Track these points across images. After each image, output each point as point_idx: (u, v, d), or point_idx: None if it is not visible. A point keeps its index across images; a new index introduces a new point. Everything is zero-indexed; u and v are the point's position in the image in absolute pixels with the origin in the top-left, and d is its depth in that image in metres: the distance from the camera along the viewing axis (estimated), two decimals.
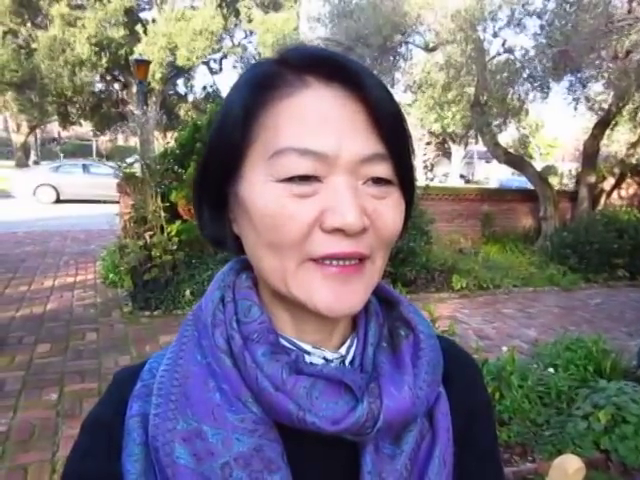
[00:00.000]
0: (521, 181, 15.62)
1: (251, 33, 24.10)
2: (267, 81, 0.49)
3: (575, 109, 9.60)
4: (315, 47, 0.51)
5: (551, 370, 3.67)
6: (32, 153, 31.71)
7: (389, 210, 0.49)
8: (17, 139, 28.23)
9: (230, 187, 0.51)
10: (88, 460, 0.53)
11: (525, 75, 9.10)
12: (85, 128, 30.56)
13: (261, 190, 0.47)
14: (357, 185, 0.47)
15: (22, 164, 26.02)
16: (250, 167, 0.49)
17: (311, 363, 0.52)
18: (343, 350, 0.55)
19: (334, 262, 0.47)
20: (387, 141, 0.48)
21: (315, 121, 0.46)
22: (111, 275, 6.52)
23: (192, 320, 0.56)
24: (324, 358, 0.53)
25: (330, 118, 0.47)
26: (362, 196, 0.47)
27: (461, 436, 0.58)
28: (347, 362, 0.55)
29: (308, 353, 0.53)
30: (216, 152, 0.51)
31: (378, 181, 0.49)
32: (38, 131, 32.40)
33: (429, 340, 0.55)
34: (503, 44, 9.43)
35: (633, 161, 10.21)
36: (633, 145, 10.11)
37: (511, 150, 11.24)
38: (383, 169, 0.48)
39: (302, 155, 0.46)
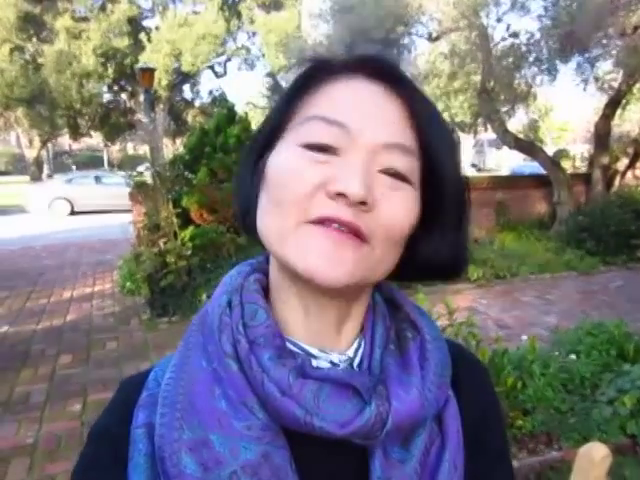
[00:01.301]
0: (533, 167, 15.43)
1: (254, 34, 24.16)
2: (321, 68, 0.53)
3: (584, 90, 9.44)
4: (373, 53, 0.55)
5: (573, 356, 3.63)
6: (45, 167, 32.09)
7: (397, 203, 0.49)
8: (30, 154, 28.61)
9: (264, 158, 0.54)
10: (94, 471, 0.53)
11: (531, 59, 8.99)
12: (95, 139, 30.90)
13: (283, 152, 0.50)
14: (372, 169, 0.48)
15: (36, 178, 26.35)
16: (283, 140, 0.52)
17: (317, 367, 0.51)
18: (351, 352, 0.54)
19: (332, 225, 0.47)
20: (417, 136, 0.50)
21: (348, 102, 0.50)
22: (128, 283, 6.57)
23: (197, 325, 0.56)
24: (331, 362, 0.53)
25: (365, 104, 0.50)
26: (374, 178, 0.48)
27: (471, 440, 0.57)
28: (355, 365, 0.54)
29: (314, 357, 0.52)
30: (264, 125, 0.56)
31: (395, 175, 0.49)
32: (50, 145, 32.78)
33: (436, 342, 0.55)
34: (507, 29, 9.32)
35: None
36: None
37: (521, 136, 11.11)
38: (403, 163, 0.49)
39: (327, 124, 0.48)
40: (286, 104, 0.53)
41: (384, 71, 0.51)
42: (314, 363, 0.51)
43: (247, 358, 0.49)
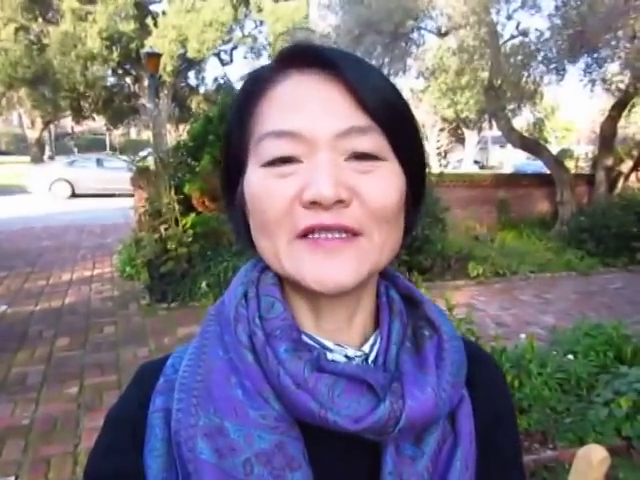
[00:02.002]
0: (536, 165, 15.40)
1: (261, 23, 24.00)
2: (257, 79, 0.53)
3: (591, 91, 9.41)
4: (297, 41, 0.53)
5: (570, 357, 3.63)
6: (47, 148, 32.00)
7: (375, 183, 0.48)
8: (32, 135, 28.50)
9: (240, 185, 0.54)
10: (111, 455, 0.53)
11: (540, 57, 8.95)
12: (98, 122, 30.74)
13: (251, 176, 0.51)
14: (338, 161, 0.48)
15: (37, 159, 26.28)
16: (249, 159, 0.52)
17: (333, 361, 0.51)
18: (366, 348, 0.54)
19: (322, 235, 0.47)
20: (369, 114, 0.48)
21: (291, 105, 0.49)
22: (127, 268, 6.57)
23: (214, 315, 0.56)
24: (346, 355, 0.53)
25: (306, 101, 0.49)
26: (343, 170, 0.48)
27: (484, 441, 0.56)
28: (370, 360, 0.54)
29: (330, 350, 0.52)
30: (226, 151, 0.56)
31: (362, 156, 0.48)
32: (52, 126, 32.66)
33: (453, 341, 0.54)
34: (517, 26, 9.28)
35: None
36: None
37: (526, 134, 11.08)
38: (364, 143, 0.48)
39: (279, 137, 0.48)
40: (239, 128, 0.53)
41: (313, 59, 0.50)
42: (329, 356, 0.52)
43: (263, 350, 0.49)
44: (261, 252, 0.52)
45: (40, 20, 21.02)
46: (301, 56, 0.50)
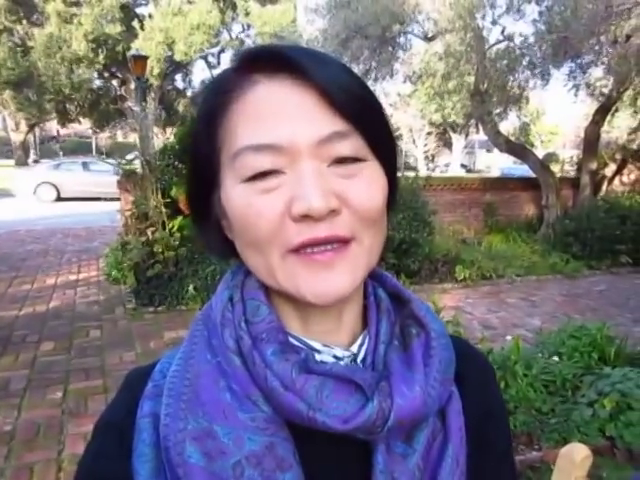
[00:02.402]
0: (523, 169, 15.55)
1: (249, 26, 23.97)
2: (222, 87, 0.50)
3: (575, 95, 9.51)
4: (262, 45, 0.51)
5: (556, 358, 3.66)
6: (31, 152, 31.66)
7: (361, 187, 0.48)
8: (16, 138, 28.17)
9: (215, 196, 0.52)
10: (100, 461, 0.53)
11: (525, 62, 9.03)
12: (84, 125, 30.50)
13: (232, 194, 0.49)
14: (321, 168, 0.47)
15: (22, 163, 25.98)
16: (224, 173, 0.50)
17: (321, 361, 0.51)
18: (355, 348, 0.54)
19: (315, 249, 0.47)
20: (346, 118, 0.47)
21: (265, 116, 0.47)
22: (114, 272, 6.52)
23: (202, 319, 0.56)
24: (334, 356, 0.53)
25: (280, 109, 0.47)
26: (329, 178, 0.47)
27: (475, 437, 0.57)
28: (359, 360, 0.54)
29: (318, 351, 0.52)
30: (193, 165, 0.54)
31: (344, 160, 0.48)
32: (37, 129, 32.35)
33: (441, 339, 0.55)
34: (502, 31, 9.35)
35: (634, 147, 10.16)
36: (634, 130, 10.05)
37: (512, 138, 11.19)
38: (346, 147, 0.47)
39: (258, 151, 0.46)
40: (207, 140, 0.51)
41: (278, 64, 0.47)
42: (318, 357, 0.52)
43: (250, 354, 0.49)
44: (252, 268, 0.51)
45: (24, 22, 20.80)
46: (266, 60, 0.48)
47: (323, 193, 0.45)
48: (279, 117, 0.46)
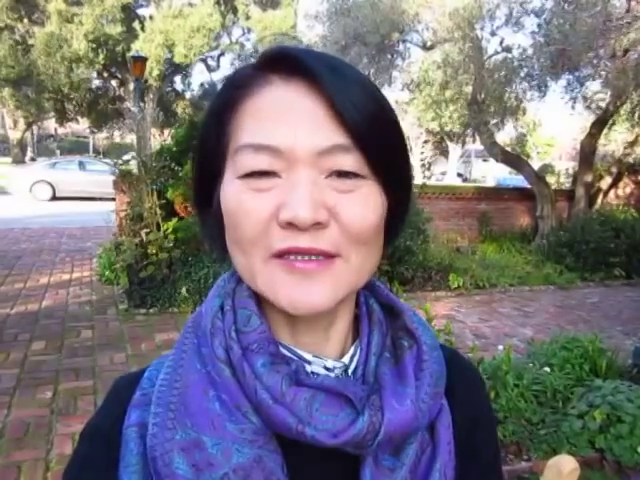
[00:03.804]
0: (518, 180, 15.62)
1: (249, 30, 24.08)
2: (237, 82, 0.50)
3: (573, 108, 9.58)
4: (283, 46, 0.50)
5: (547, 369, 3.67)
6: (29, 150, 31.57)
7: (355, 205, 0.47)
8: (14, 136, 28.13)
9: (216, 192, 0.52)
10: (86, 471, 0.52)
11: (522, 74, 9.08)
12: (82, 125, 30.46)
13: (226, 188, 0.49)
14: (317, 179, 0.46)
15: (19, 161, 25.91)
16: (227, 167, 0.50)
17: (312, 372, 0.51)
18: (346, 359, 0.54)
19: (298, 257, 0.46)
20: (352, 132, 0.46)
21: (271, 117, 0.47)
22: (107, 272, 6.50)
23: (192, 327, 0.55)
24: (325, 367, 0.52)
25: (286, 113, 0.46)
26: (323, 190, 0.46)
27: (463, 446, 0.56)
28: (350, 372, 0.53)
29: (309, 362, 0.52)
30: (199, 157, 0.53)
31: (344, 174, 0.47)
32: (35, 128, 32.28)
33: (433, 352, 0.54)
34: (501, 43, 9.41)
35: (630, 160, 10.22)
36: (630, 144, 10.11)
37: (508, 149, 11.23)
38: (347, 161, 0.46)
39: (257, 151, 0.46)
40: (215, 133, 0.50)
41: (296, 68, 0.47)
42: (308, 368, 0.51)
43: (240, 364, 0.48)
44: (236, 266, 0.51)
45: (25, 20, 20.80)
46: (285, 63, 0.47)
47: (313, 204, 0.44)
48: (284, 120, 0.46)
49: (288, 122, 0.46)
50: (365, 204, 0.47)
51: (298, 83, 0.47)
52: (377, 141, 0.47)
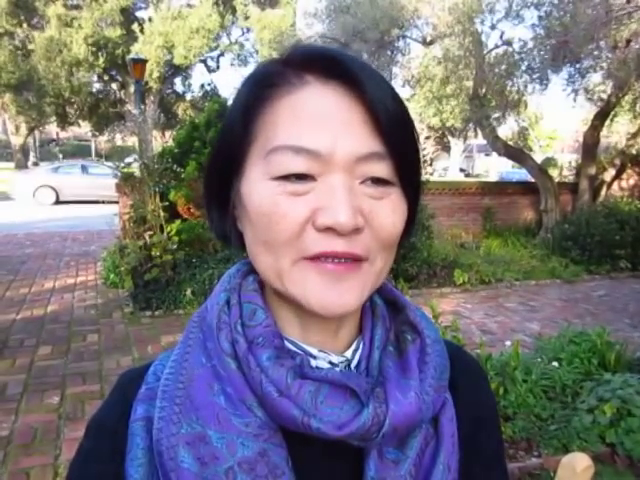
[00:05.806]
0: (521, 174, 15.59)
1: (248, 30, 24.07)
2: (268, 79, 0.49)
3: (574, 100, 9.52)
4: (317, 46, 0.51)
5: (555, 364, 3.65)
6: (31, 154, 31.67)
7: (387, 211, 0.48)
8: (16, 141, 28.19)
9: (234, 184, 0.52)
10: (92, 464, 0.52)
11: (524, 67, 9.04)
12: (83, 129, 30.52)
13: (257, 187, 0.48)
14: (353, 184, 0.47)
15: (21, 166, 25.99)
16: (251, 164, 0.49)
17: (317, 367, 0.51)
18: (349, 354, 0.54)
19: (329, 260, 0.46)
20: (386, 140, 0.47)
21: (310, 119, 0.46)
22: (112, 276, 6.50)
23: (197, 322, 0.55)
24: (330, 362, 0.53)
25: (326, 116, 0.46)
26: (358, 196, 0.47)
27: (467, 442, 0.57)
28: (353, 366, 0.54)
29: (314, 357, 0.52)
30: (221, 149, 0.53)
31: (377, 181, 0.48)
32: (37, 132, 32.34)
33: (436, 345, 0.55)
34: (501, 36, 9.37)
35: (633, 152, 10.16)
36: (633, 135, 10.05)
37: (511, 143, 11.18)
38: (381, 169, 0.47)
39: (296, 153, 0.46)
40: (243, 128, 0.50)
41: (333, 70, 0.47)
42: (313, 363, 0.52)
43: (245, 358, 0.49)
44: (260, 267, 0.50)
45: (25, 25, 20.84)
46: (322, 63, 0.47)
47: (352, 210, 0.45)
48: (324, 124, 0.46)
49: (328, 126, 0.46)
50: (394, 211, 0.49)
51: (336, 85, 0.47)
52: (406, 148, 0.49)
